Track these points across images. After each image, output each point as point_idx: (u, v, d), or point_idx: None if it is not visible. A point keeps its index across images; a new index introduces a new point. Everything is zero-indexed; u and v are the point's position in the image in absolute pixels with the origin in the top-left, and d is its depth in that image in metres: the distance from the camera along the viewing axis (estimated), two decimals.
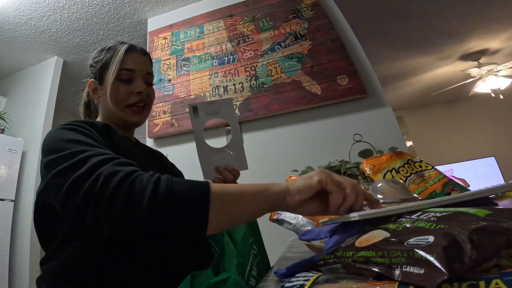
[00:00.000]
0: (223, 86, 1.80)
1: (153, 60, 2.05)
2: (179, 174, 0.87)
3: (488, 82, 3.46)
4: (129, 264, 0.51)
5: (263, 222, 0.69)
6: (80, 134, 0.51)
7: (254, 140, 1.67)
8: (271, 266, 0.62)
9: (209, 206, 0.38)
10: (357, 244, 0.30)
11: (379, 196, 0.47)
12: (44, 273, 0.55)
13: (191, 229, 0.38)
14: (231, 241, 0.58)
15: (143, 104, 0.74)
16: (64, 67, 2.71)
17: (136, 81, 0.72)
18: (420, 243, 0.24)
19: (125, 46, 0.73)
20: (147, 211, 0.36)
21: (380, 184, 0.49)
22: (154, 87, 0.79)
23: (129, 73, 0.71)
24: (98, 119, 0.77)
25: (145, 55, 0.77)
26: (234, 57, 1.86)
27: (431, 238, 0.23)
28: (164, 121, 1.81)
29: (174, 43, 2.06)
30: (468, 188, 0.65)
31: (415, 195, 0.50)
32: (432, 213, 0.31)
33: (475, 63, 3.45)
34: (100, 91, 0.74)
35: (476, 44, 3.21)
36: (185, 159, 1.72)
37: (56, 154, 0.46)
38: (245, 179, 0.67)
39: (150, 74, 0.76)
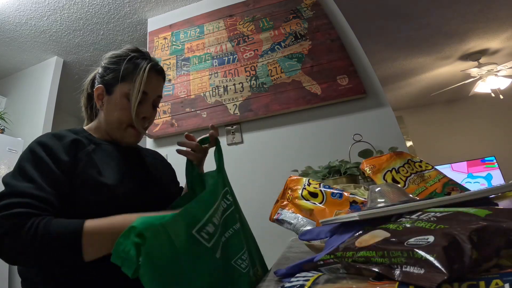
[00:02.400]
0: (223, 86, 1.80)
1: None
2: (172, 176, 0.87)
3: (488, 82, 3.46)
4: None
5: (263, 222, 0.69)
6: (31, 163, 0.57)
7: (254, 140, 1.67)
8: (269, 269, 0.61)
9: (82, 243, 0.47)
10: (357, 244, 0.30)
11: (380, 200, 0.47)
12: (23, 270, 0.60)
13: (70, 259, 0.48)
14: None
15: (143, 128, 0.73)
16: (64, 67, 2.71)
17: (145, 105, 0.71)
18: (420, 243, 0.24)
19: (148, 65, 0.70)
20: (31, 249, 0.47)
21: (379, 188, 0.49)
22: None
23: (141, 96, 0.69)
24: (95, 122, 0.76)
25: (162, 75, 0.75)
26: (234, 57, 1.86)
27: (431, 238, 0.23)
28: (164, 121, 1.81)
29: (174, 43, 2.06)
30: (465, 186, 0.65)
31: (411, 195, 0.50)
32: (432, 213, 0.31)
33: (475, 63, 3.45)
34: (106, 101, 0.71)
35: (476, 44, 3.21)
36: (185, 159, 1.71)
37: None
38: (246, 179, 0.67)
39: (160, 97, 0.75)
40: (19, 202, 0.50)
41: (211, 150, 0.72)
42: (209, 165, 0.74)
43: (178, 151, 0.72)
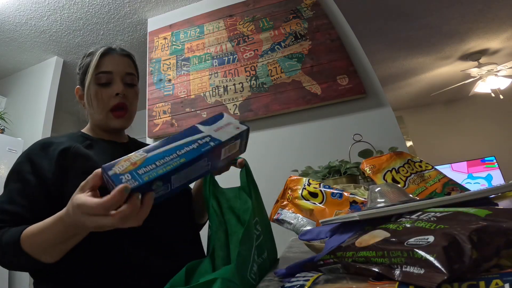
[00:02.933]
0: (223, 86, 1.80)
1: (153, 60, 2.05)
2: None
3: (488, 82, 3.46)
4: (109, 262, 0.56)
5: None
6: (11, 175, 0.61)
7: (254, 140, 1.67)
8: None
9: (23, 252, 0.48)
10: (357, 244, 0.30)
11: (380, 200, 0.47)
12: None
13: (29, 263, 0.50)
14: (235, 218, 0.55)
15: (123, 107, 0.72)
16: (64, 67, 2.71)
17: (114, 83, 0.71)
18: (420, 243, 0.24)
19: (101, 49, 0.72)
20: None
21: (379, 188, 0.49)
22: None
23: (107, 76, 0.70)
24: (88, 124, 0.77)
25: (125, 55, 0.76)
26: (234, 57, 1.86)
27: (431, 238, 0.23)
28: (164, 121, 1.81)
29: (174, 43, 2.06)
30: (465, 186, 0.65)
31: (411, 195, 0.50)
32: (432, 213, 0.31)
33: (475, 63, 3.45)
34: (84, 96, 0.73)
35: (476, 44, 3.21)
36: None
37: None
38: None
39: (131, 75, 0.74)
40: None
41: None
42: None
43: None
